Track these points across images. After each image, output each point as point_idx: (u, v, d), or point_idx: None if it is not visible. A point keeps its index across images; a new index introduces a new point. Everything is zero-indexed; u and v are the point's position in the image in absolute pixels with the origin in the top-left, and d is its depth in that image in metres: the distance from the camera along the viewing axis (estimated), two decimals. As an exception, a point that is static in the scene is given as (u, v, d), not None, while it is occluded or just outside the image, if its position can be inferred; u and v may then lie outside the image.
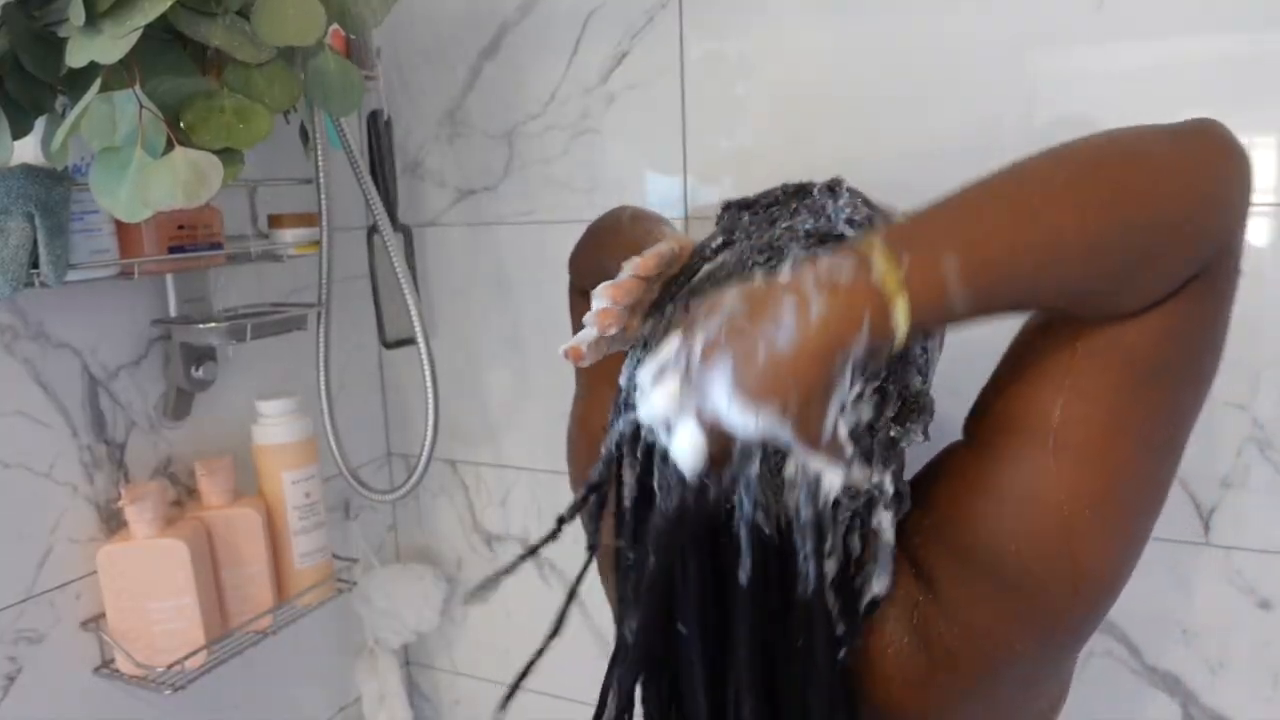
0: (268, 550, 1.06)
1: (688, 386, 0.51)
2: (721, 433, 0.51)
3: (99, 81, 0.71)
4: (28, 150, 0.80)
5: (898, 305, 0.48)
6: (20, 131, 0.77)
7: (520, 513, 1.33)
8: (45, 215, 0.80)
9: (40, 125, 0.80)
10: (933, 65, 0.97)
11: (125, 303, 1.01)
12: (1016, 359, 0.60)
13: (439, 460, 1.37)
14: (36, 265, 0.81)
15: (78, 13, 0.69)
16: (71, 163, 0.85)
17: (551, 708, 1.36)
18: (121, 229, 0.90)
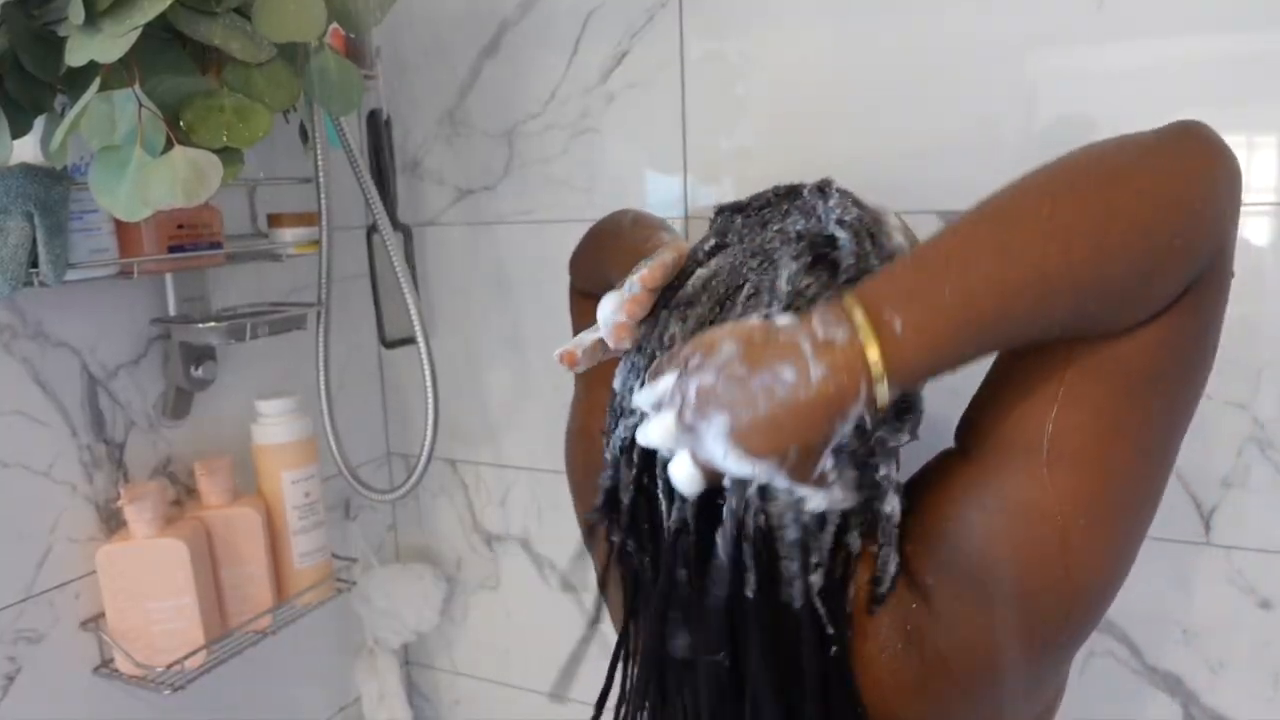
0: (267, 550, 1.06)
1: (682, 426, 0.53)
2: (711, 472, 0.54)
3: (98, 80, 0.71)
4: (27, 149, 0.80)
5: (877, 375, 0.50)
6: (20, 131, 0.77)
7: (520, 512, 1.33)
8: (44, 214, 0.80)
9: (40, 124, 0.80)
10: (933, 65, 0.97)
11: (124, 302, 1.01)
12: (1008, 369, 0.60)
13: (439, 460, 1.36)
14: (36, 264, 0.81)
15: (77, 12, 0.69)
16: (71, 162, 0.85)
17: (552, 708, 1.36)
18: (121, 228, 0.90)
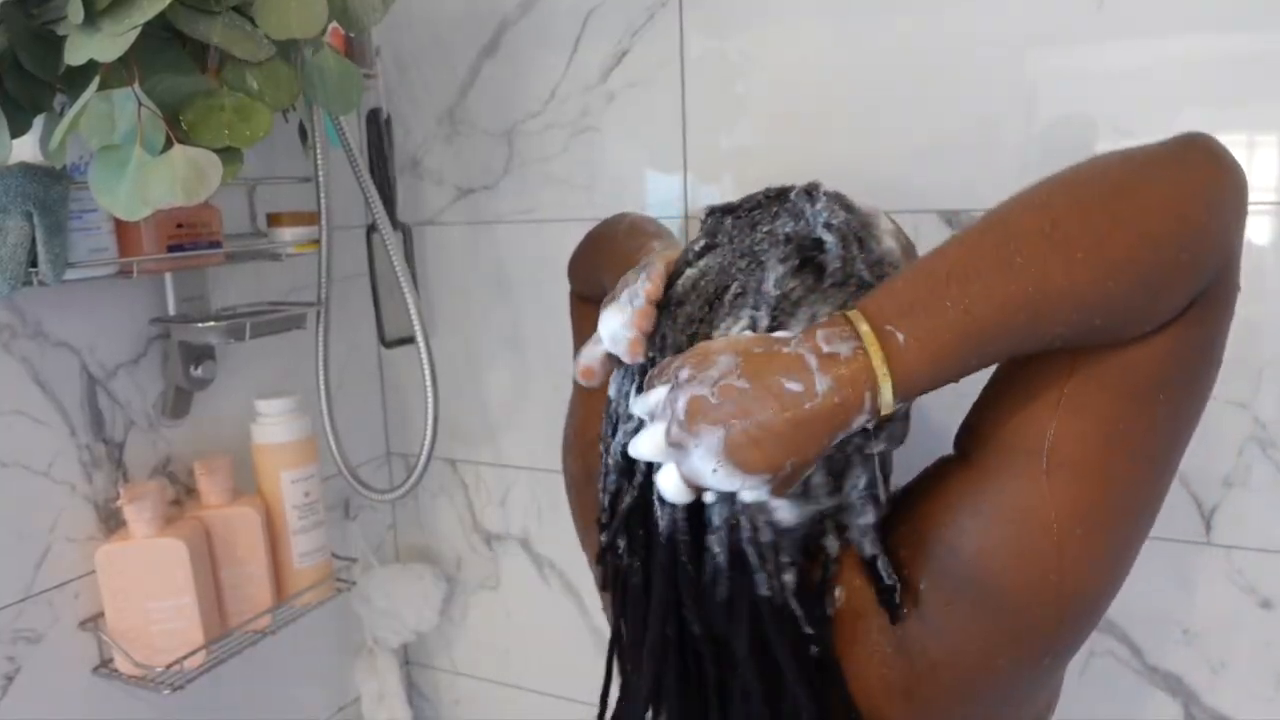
0: (267, 550, 1.06)
1: (669, 443, 0.53)
2: (695, 486, 0.55)
3: (98, 79, 0.71)
4: (26, 149, 0.80)
5: (885, 387, 0.51)
6: (19, 130, 0.77)
7: (520, 512, 1.33)
8: (44, 214, 0.80)
9: (39, 124, 0.79)
10: (933, 64, 0.97)
11: (124, 301, 1.00)
12: (1011, 375, 0.60)
13: (438, 459, 1.36)
14: (35, 264, 0.81)
15: (76, 11, 0.68)
16: (70, 161, 0.85)
17: (552, 708, 1.36)
18: (120, 227, 0.90)
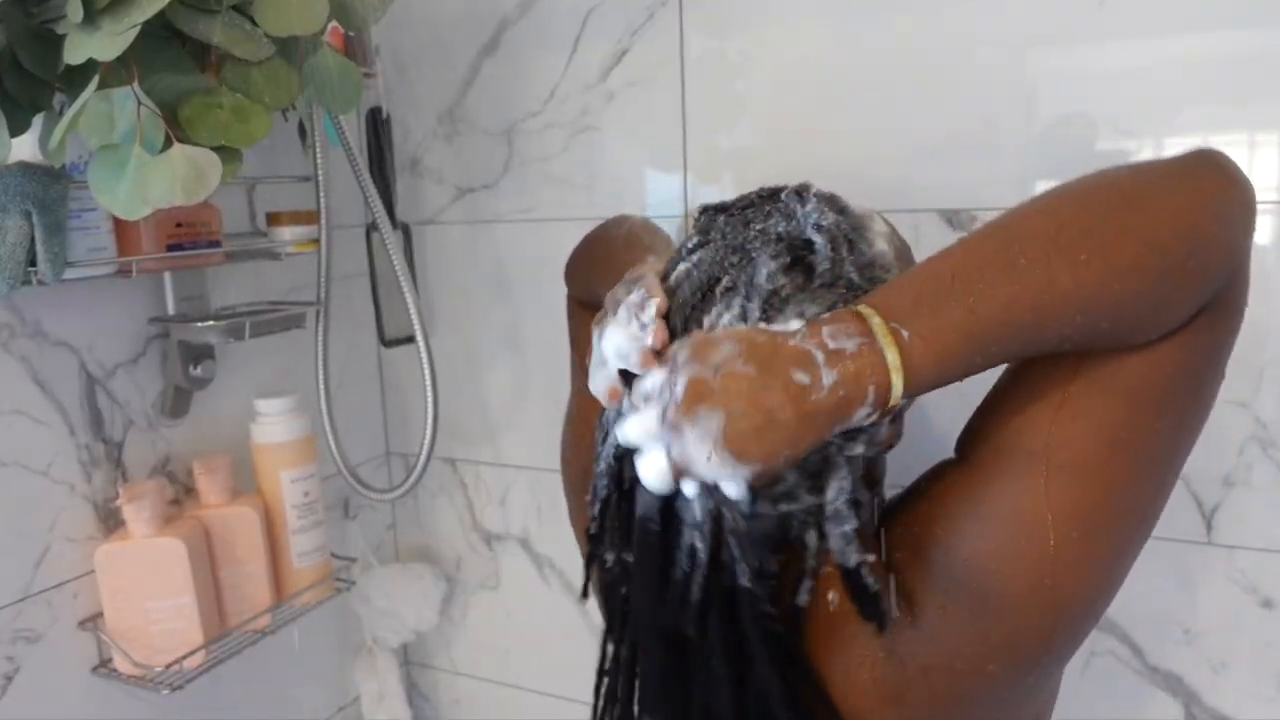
0: (266, 549, 1.06)
1: (664, 425, 0.52)
2: (683, 473, 0.53)
3: (97, 79, 0.71)
4: (25, 148, 0.80)
5: (895, 384, 0.51)
6: (18, 129, 0.77)
7: (520, 512, 1.32)
8: (43, 213, 0.80)
9: (38, 123, 0.79)
10: (934, 63, 0.96)
11: (123, 301, 1.00)
12: (1015, 379, 0.60)
13: (438, 459, 1.36)
14: (34, 263, 0.81)
15: (76, 10, 0.68)
16: (69, 160, 0.84)
17: (552, 708, 1.36)
18: (119, 227, 0.90)
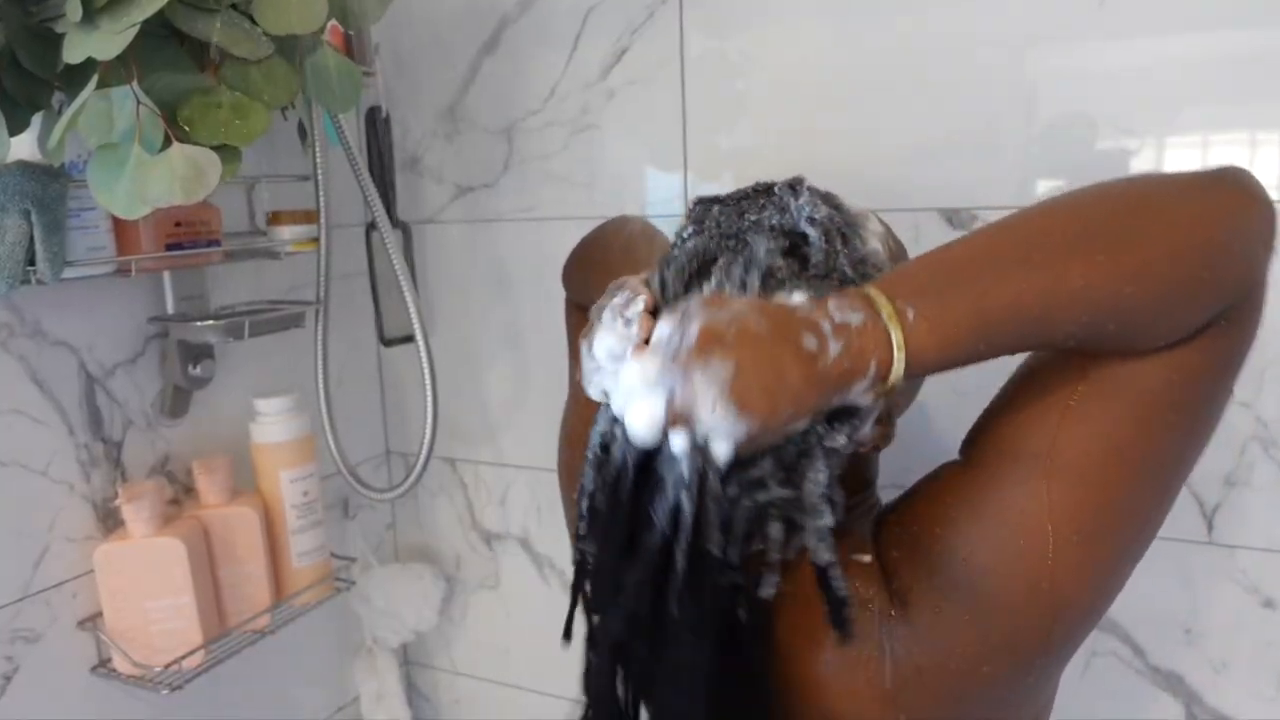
0: (265, 549, 1.06)
1: (673, 365, 0.51)
2: (682, 421, 0.51)
3: (96, 78, 0.71)
4: (24, 147, 0.80)
5: (896, 361, 0.51)
6: (17, 128, 0.77)
7: (519, 511, 1.32)
8: (42, 212, 0.80)
9: (37, 121, 0.79)
10: (934, 62, 0.96)
11: (122, 300, 1.00)
12: (1023, 382, 0.60)
13: (438, 458, 1.36)
14: (33, 262, 0.81)
15: (75, 8, 0.68)
16: (68, 159, 0.84)
17: (552, 708, 1.36)
18: (119, 226, 0.90)
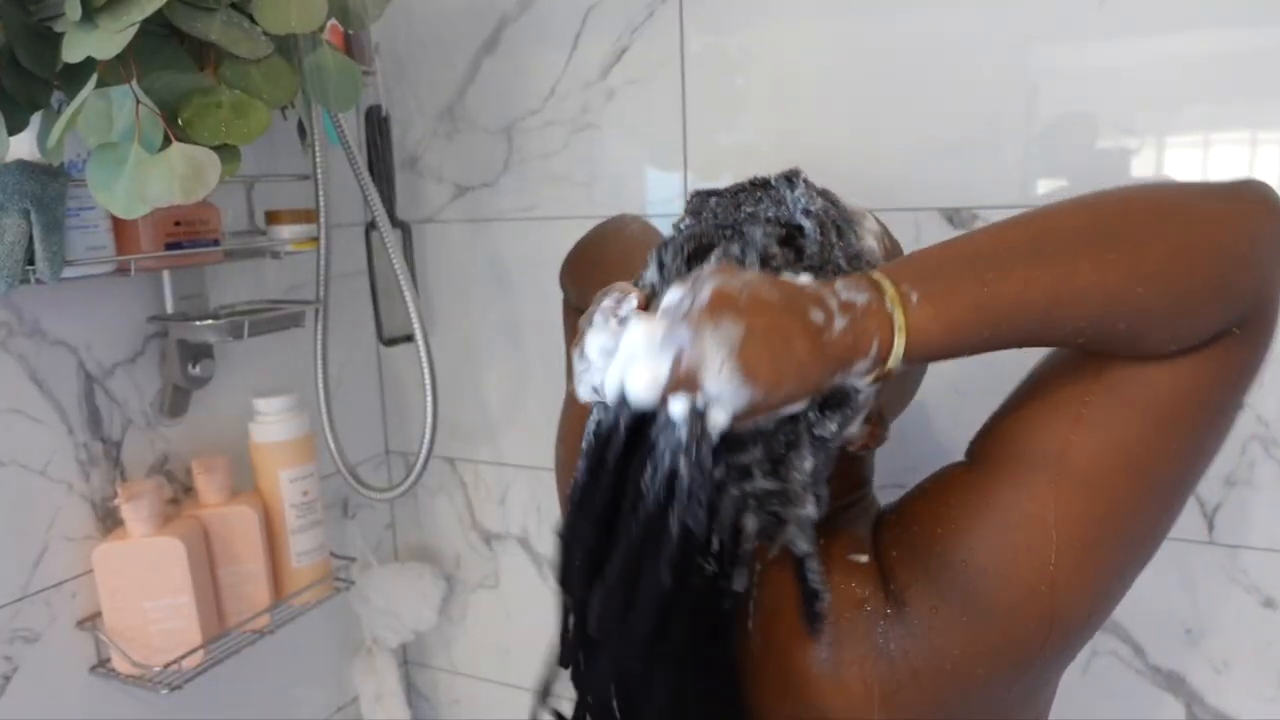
0: (265, 549, 1.05)
1: (684, 322, 0.50)
2: (686, 382, 0.49)
3: (95, 77, 0.71)
4: (23, 146, 0.80)
5: (897, 342, 0.51)
6: (16, 127, 0.77)
7: (519, 511, 1.32)
8: (41, 211, 0.79)
9: (36, 121, 0.79)
10: (934, 61, 0.96)
11: (121, 299, 1.00)
12: (1035, 385, 0.59)
13: (437, 458, 1.36)
14: (32, 262, 0.81)
15: (74, 8, 0.68)
16: (68, 159, 0.84)
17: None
18: (118, 225, 0.90)
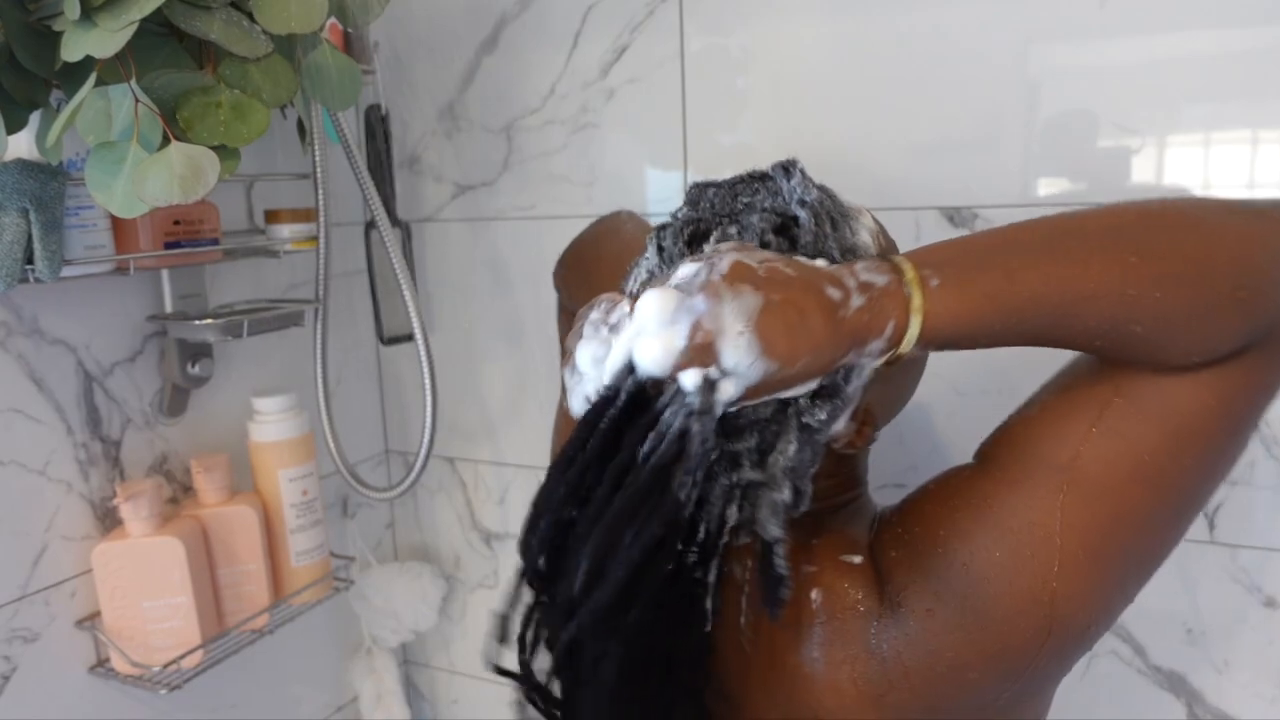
0: (264, 548, 1.05)
1: (703, 290, 0.49)
2: (702, 351, 0.49)
3: (94, 76, 0.70)
4: (22, 145, 0.79)
5: (913, 323, 0.51)
6: (15, 126, 0.77)
7: (519, 511, 1.32)
8: (40, 210, 0.79)
9: (35, 120, 0.79)
10: (935, 60, 0.96)
11: (120, 299, 1.00)
12: (1052, 392, 0.59)
13: (437, 457, 1.36)
14: (31, 261, 0.80)
15: (73, 6, 0.68)
16: (66, 158, 0.84)
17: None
18: (117, 224, 0.90)
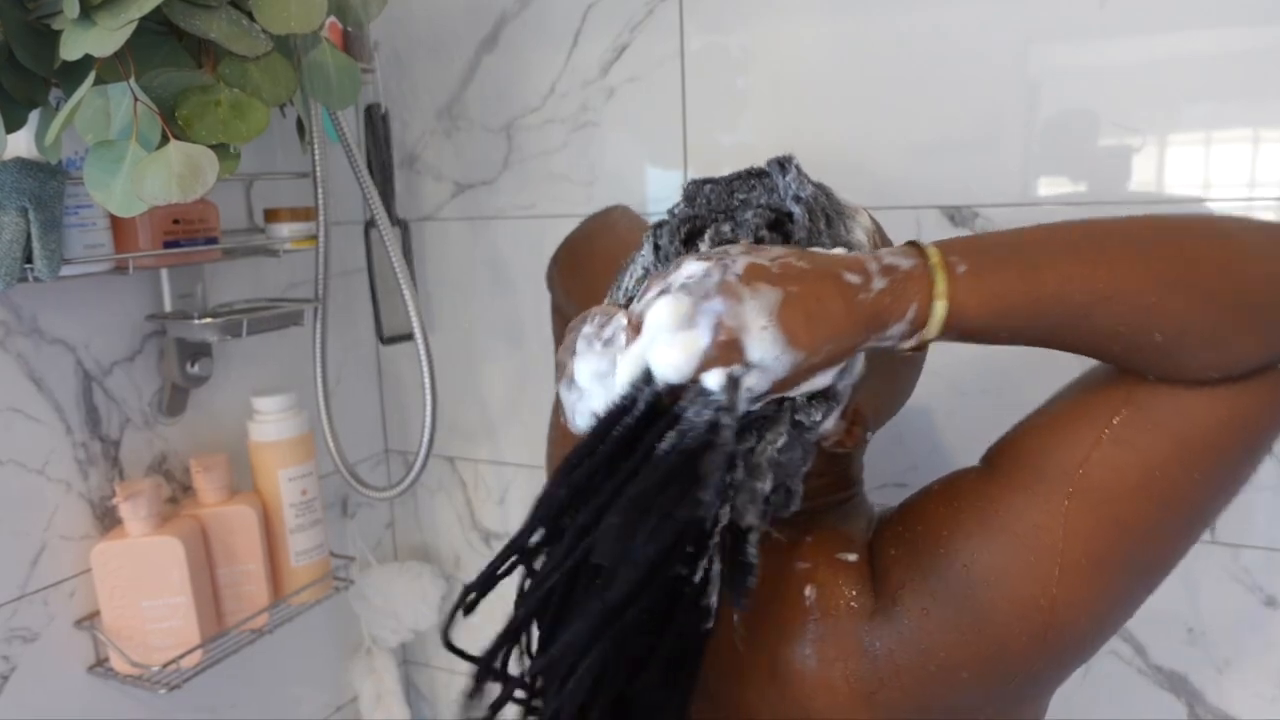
0: (264, 548, 1.05)
1: (721, 291, 0.50)
2: (727, 349, 0.49)
3: (93, 74, 0.70)
4: (21, 144, 0.79)
5: (937, 307, 0.51)
6: (14, 125, 0.76)
7: (519, 510, 1.32)
8: (39, 209, 0.79)
9: (34, 118, 0.79)
10: (935, 59, 0.96)
11: (119, 298, 1.00)
12: (1066, 399, 0.59)
13: (437, 457, 1.36)
14: (30, 260, 0.80)
15: (72, 5, 0.68)
16: (65, 157, 0.84)
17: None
18: (116, 223, 0.89)
